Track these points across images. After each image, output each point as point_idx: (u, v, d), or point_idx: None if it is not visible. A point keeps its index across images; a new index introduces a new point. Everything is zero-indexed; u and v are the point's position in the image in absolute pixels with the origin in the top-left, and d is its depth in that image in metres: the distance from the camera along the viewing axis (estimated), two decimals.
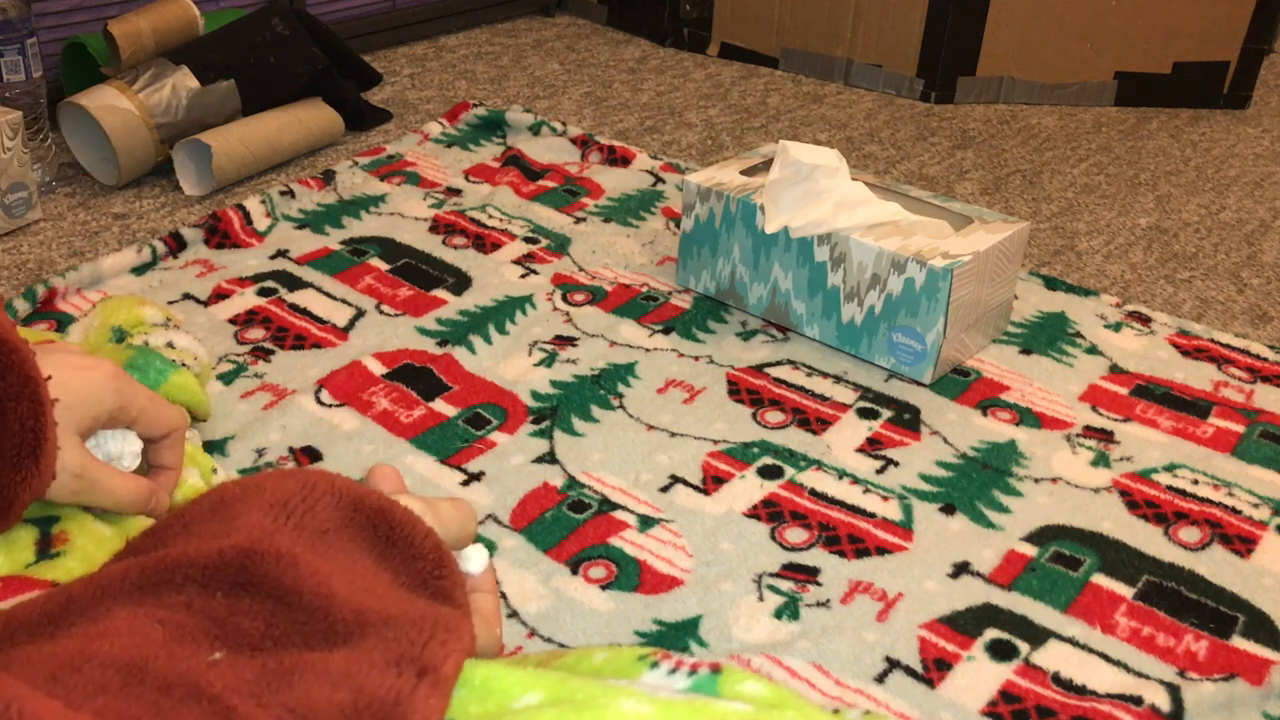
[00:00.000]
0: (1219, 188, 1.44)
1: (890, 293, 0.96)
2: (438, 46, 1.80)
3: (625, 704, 0.36)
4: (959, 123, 1.61)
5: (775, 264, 1.02)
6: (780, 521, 0.81)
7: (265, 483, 0.41)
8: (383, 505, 0.42)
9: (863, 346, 0.99)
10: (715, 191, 1.04)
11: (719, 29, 1.81)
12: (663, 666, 0.41)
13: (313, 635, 0.36)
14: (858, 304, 0.98)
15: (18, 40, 1.18)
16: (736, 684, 0.40)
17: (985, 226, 1.00)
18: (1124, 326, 1.08)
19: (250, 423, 0.87)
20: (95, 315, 0.90)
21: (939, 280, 0.92)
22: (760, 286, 1.04)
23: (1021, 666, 0.70)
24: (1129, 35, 1.63)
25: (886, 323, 0.97)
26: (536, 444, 0.87)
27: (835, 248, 0.97)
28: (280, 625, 0.36)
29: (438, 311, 1.04)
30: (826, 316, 1.00)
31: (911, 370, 0.97)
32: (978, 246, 0.95)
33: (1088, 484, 0.86)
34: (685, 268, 1.09)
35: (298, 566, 0.37)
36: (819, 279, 0.99)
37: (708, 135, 1.51)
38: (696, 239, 1.07)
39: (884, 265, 0.95)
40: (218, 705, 0.32)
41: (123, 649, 0.33)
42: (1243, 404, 0.97)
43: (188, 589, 0.36)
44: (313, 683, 0.34)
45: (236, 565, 0.37)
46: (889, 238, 0.96)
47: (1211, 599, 0.76)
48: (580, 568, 0.76)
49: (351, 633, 0.36)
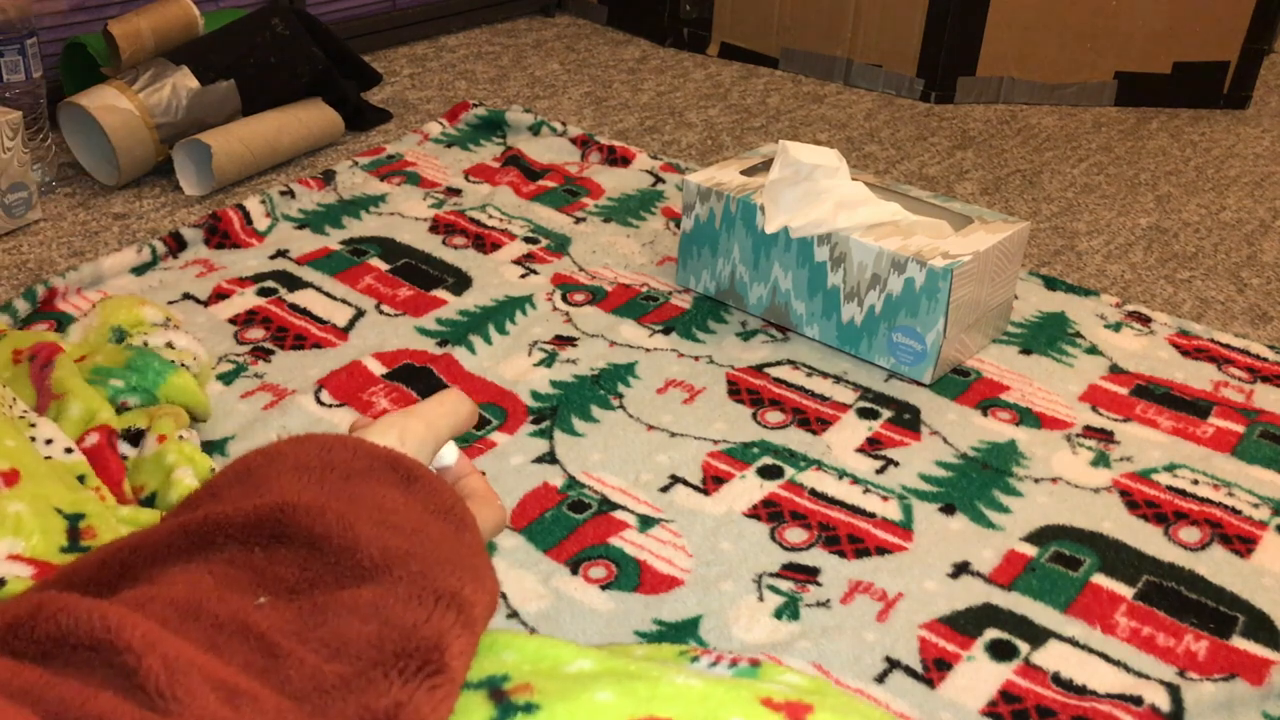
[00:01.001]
0: (1219, 188, 1.44)
1: (890, 292, 0.95)
2: (438, 46, 1.80)
3: (676, 678, 0.38)
4: (959, 123, 1.61)
5: (775, 264, 1.01)
6: (780, 521, 0.81)
7: (284, 448, 0.44)
8: (392, 454, 0.45)
9: (863, 346, 0.99)
10: (715, 191, 1.03)
11: (719, 29, 1.81)
12: (703, 660, 0.42)
13: (343, 575, 0.39)
14: (858, 304, 0.98)
15: (18, 40, 1.18)
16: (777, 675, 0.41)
17: (985, 226, 0.99)
18: (1124, 326, 1.08)
19: (250, 423, 0.87)
20: (95, 315, 0.90)
21: (939, 280, 0.92)
22: (760, 286, 1.04)
23: (1021, 666, 0.70)
24: (1129, 35, 1.63)
25: (886, 323, 0.97)
26: (536, 444, 0.87)
27: (835, 248, 0.97)
28: (313, 568, 0.39)
29: (438, 311, 1.04)
30: (826, 316, 1.00)
31: (911, 370, 0.97)
32: (978, 246, 0.95)
33: (1088, 484, 0.86)
34: (685, 268, 1.09)
35: (325, 514, 0.40)
36: (819, 279, 0.99)
37: (708, 135, 1.51)
38: (696, 239, 1.07)
39: (884, 265, 0.95)
40: (264, 642, 0.35)
41: (179, 593, 0.36)
42: (1243, 404, 0.97)
43: (229, 546, 0.39)
44: (344, 618, 0.37)
45: (271, 520, 0.39)
46: (889, 238, 0.96)
47: (1211, 599, 0.76)
48: (580, 568, 0.76)
49: (378, 569, 0.39)
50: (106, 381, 0.81)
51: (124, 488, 0.75)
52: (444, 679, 0.36)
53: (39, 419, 0.75)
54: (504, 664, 0.40)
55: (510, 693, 0.38)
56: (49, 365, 0.79)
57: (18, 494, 0.64)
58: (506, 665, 0.40)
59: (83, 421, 0.77)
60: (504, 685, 0.39)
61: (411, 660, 0.36)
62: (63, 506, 0.66)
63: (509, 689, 0.38)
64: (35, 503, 0.65)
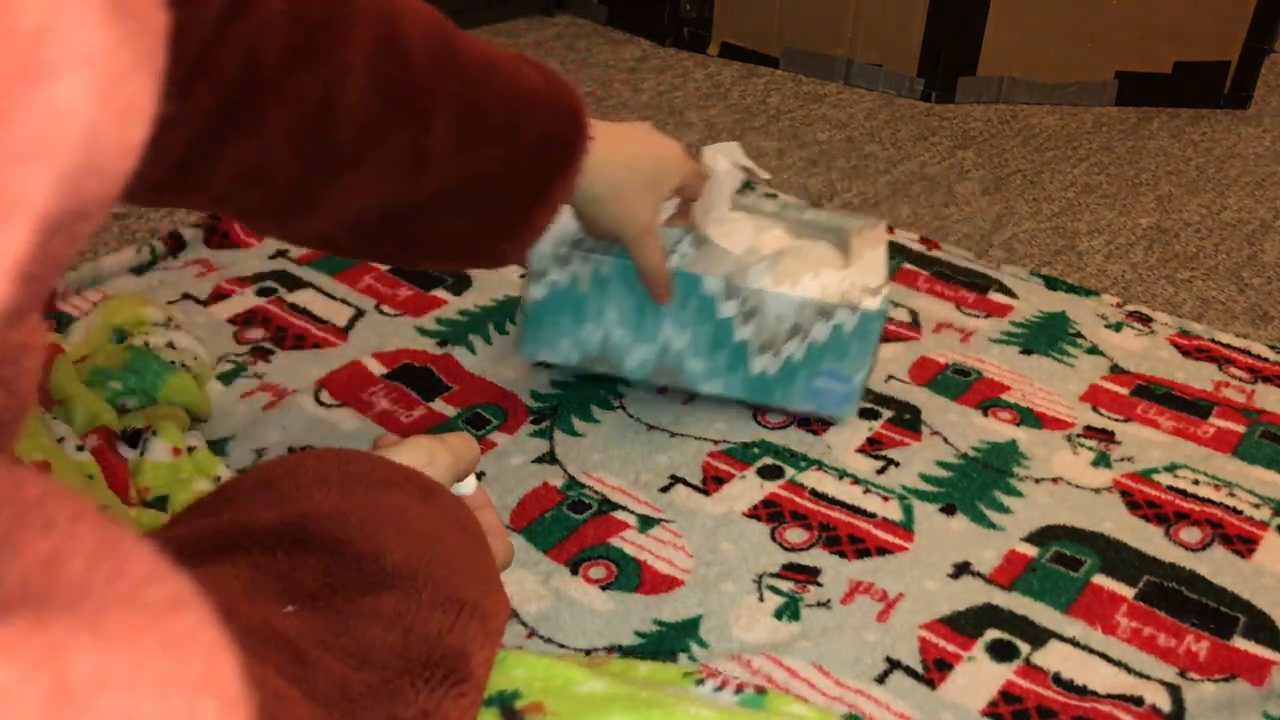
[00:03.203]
0: (1220, 187, 1.44)
1: (815, 340, 0.87)
2: None
3: (689, 708, 0.39)
4: (959, 122, 1.61)
5: (666, 322, 0.88)
6: (780, 522, 0.81)
7: (306, 460, 0.44)
8: (410, 472, 0.45)
9: (775, 395, 0.90)
10: (579, 255, 0.88)
11: (719, 29, 1.81)
12: (709, 684, 0.42)
13: (366, 581, 0.39)
14: (773, 355, 0.88)
15: None
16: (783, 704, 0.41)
17: (860, 238, 0.92)
18: (1125, 326, 1.08)
19: (250, 423, 0.87)
20: (96, 315, 0.90)
21: (872, 322, 0.86)
22: (644, 348, 0.90)
23: (1022, 667, 0.70)
24: (1129, 35, 1.63)
25: (807, 370, 0.88)
26: (536, 444, 0.87)
27: (746, 302, 0.86)
28: (336, 575, 0.39)
29: (438, 311, 1.04)
30: (731, 370, 0.89)
31: (834, 411, 0.91)
32: (878, 269, 0.89)
33: (1088, 484, 0.86)
34: (537, 339, 0.91)
35: (348, 521, 0.40)
36: (724, 334, 0.88)
37: (708, 135, 1.51)
38: (552, 307, 0.89)
39: (807, 315, 0.86)
40: (293, 648, 0.35)
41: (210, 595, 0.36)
42: (1243, 404, 0.97)
43: (253, 552, 0.39)
44: (368, 625, 0.37)
45: (296, 527, 0.40)
46: (799, 278, 0.87)
47: (1212, 599, 0.76)
48: (580, 568, 0.76)
49: (401, 576, 0.39)
50: (105, 383, 0.81)
51: (129, 489, 0.75)
52: (469, 687, 0.36)
53: (51, 419, 0.75)
54: (514, 680, 0.40)
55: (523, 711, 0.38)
56: (47, 367, 0.79)
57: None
58: (517, 682, 0.40)
59: (85, 426, 0.77)
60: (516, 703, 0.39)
61: (438, 669, 0.36)
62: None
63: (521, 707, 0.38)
64: None
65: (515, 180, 0.71)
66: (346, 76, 0.61)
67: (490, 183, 0.70)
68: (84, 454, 0.73)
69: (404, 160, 0.65)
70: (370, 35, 0.62)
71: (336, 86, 0.61)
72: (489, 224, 0.73)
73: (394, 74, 0.63)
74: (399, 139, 0.65)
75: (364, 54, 0.62)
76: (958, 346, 1.03)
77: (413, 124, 0.65)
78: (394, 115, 0.64)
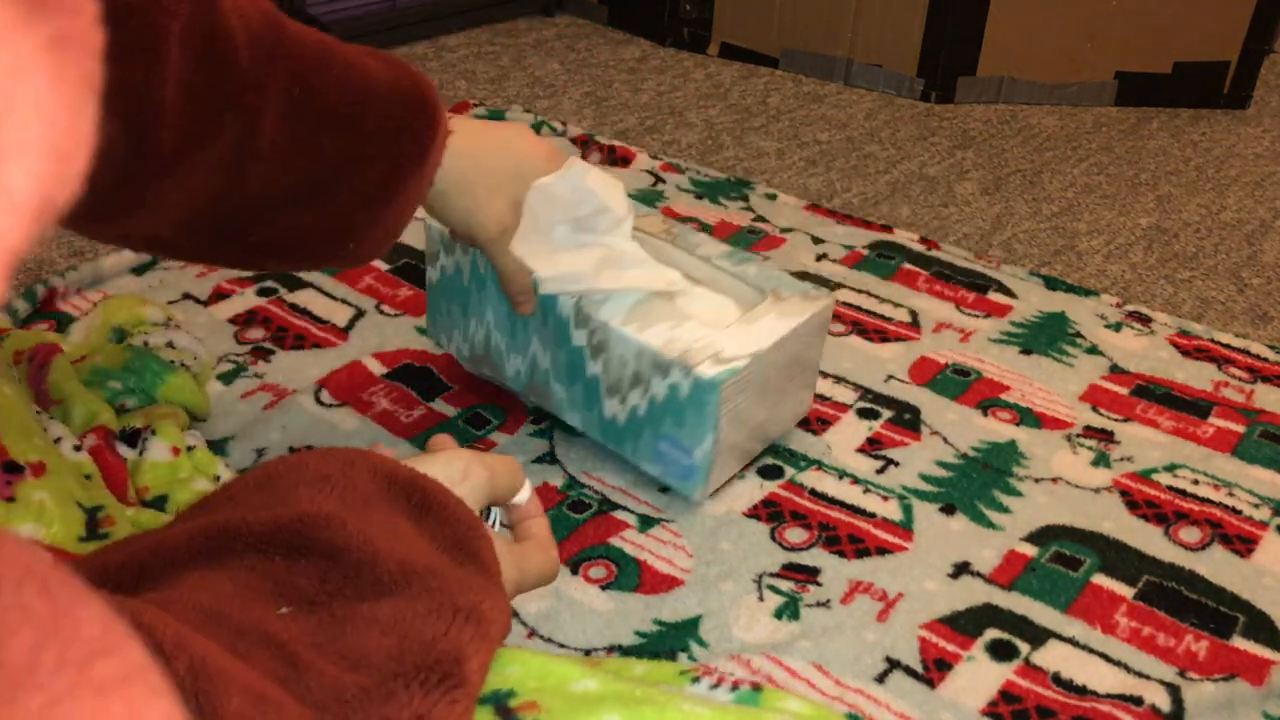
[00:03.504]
0: (1219, 188, 1.44)
1: (654, 396, 0.77)
2: (438, 46, 1.80)
3: (683, 705, 0.39)
4: (959, 123, 1.61)
5: (534, 338, 0.83)
6: (780, 521, 0.81)
7: (307, 460, 0.44)
8: (414, 478, 0.45)
9: (628, 448, 0.81)
10: (461, 245, 0.84)
11: (719, 29, 1.81)
12: (704, 681, 0.42)
13: (363, 587, 0.39)
14: (620, 401, 0.79)
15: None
16: (778, 700, 0.41)
17: (780, 305, 0.80)
18: (1124, 326, 1.08)
19: (250, 423, 0.87)
20: (96, 315, 0.90)
21: (705, 394, 0.74)
22: (518, 358, 0.85)
23: (1022, 667, 0.70)
24: (1129, 35, 1.63)
25: (651, 429, 0.78)
26: (536, 444, 0.87)
27: (594, 334, 0.78)
28: (333, 580, 0.39)
29: None
30: (588, 408, 0.82)
31: (682, 485, 0.80)
32: (760, 342, 0.76)
33: (1088, 484, 0.86)
34: (435, 324, 0.91)
35: (345, 526, 0.40)
36: (578, 365, 0.81)
37: (708, 135, 1.51)
38: (444, 293, 0.87)
39: (645, 364, 0.76)
40: (285, 651, 0.35)
41: (202, 598, 0.36)
42: (1243, 404, 0.97)
43: (249, 554, 0.39)
44: (364, 630, 0.37)
45: (291, 530, 0.40)
46: (657, 323, 0.77)
47: (1212, 599, 0.76)
48: (580, 568, 0.76)
49: (397, 583, 0.39)
50: (105, 383, 0.81)
51: (128, 489, 0.75)
52: (463, 692, 0.36)
53: (48, 419, 0.75)
54: (508, 679, 0.40)
55: (517, 710, 0.38)
56: (45, 367, 0.79)
57: (43, 484, 0.66)
58: (511, 680, 0.40)
59: (83, 425, 0.77)
60: (510, 702, 0.39)
61: (432, 673, 0.36)
62: (81, 500, 0.67)
63: (515, 706, 0.38)
64: (58, 494, 0.66)
65: (359, 175, 0.66)
66: (163, 70, 0.57)
67: (331, 178, 0.66)
68: (81, 454, 0.73)
69: (228, 157, 0.62)
70: (186, 26, 0.58)
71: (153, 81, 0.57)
72: (334, 223, 0.68)
73: (214, 66, 0.59)
74: (223, 135, 0.61)
75: (179, 46, 0.58)
76: (957, 346, 1.03)
77: (237, 120, 0.61)
78: (215, 111, 0.60)
